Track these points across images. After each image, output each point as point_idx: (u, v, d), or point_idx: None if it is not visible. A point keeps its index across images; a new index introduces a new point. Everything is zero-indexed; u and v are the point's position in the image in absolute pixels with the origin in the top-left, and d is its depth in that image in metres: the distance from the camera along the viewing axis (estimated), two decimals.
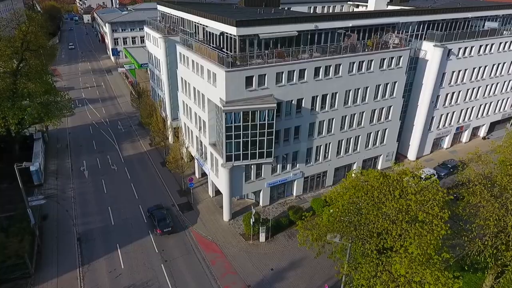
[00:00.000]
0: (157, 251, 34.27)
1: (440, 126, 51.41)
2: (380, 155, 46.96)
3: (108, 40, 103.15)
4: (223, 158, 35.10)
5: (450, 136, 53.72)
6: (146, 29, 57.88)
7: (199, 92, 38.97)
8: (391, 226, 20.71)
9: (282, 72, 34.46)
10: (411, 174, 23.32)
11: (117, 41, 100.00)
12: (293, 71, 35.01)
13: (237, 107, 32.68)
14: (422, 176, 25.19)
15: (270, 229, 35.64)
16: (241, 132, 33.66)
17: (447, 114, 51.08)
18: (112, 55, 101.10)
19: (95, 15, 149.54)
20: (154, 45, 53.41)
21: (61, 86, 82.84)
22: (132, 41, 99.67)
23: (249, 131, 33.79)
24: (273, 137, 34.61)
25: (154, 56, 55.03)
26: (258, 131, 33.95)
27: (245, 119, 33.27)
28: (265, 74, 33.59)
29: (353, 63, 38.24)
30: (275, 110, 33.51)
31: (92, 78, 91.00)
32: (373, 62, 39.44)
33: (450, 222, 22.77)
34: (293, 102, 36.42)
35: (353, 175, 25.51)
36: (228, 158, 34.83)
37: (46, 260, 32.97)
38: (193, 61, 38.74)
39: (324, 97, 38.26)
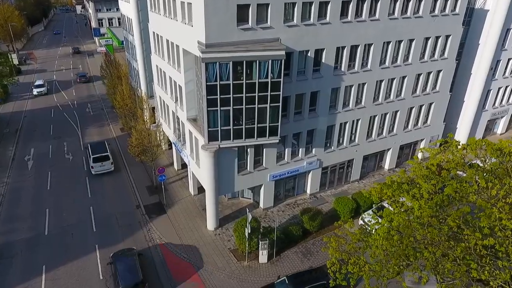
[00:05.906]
0: (101, 278, 22.39)
1: (497, 104, 39.35)
2: (422, 139, 35.01)
3: (92, 21, 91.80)
4: (204, 137, 23.34)
5: (506, 118, 41.53)
6: None
7: (172, 44, 27.25)
8: None
9: (294, 4, 22.64)
10: None
11: (102, 23, 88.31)
12: (310, 3, 23.21)
13: (224, 54, 20.87)
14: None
15: (276, 243, 23.76)
16: (231, 96, 21.86)
17: (506, 87, 39.05)
18: (94, 35, 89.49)
19: (84, 1, 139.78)
20: (125, 1, 41.74)
21: (32, 68, 72.75)
22: (119, 22, 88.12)
23: (243, 94, 21.99)
24: (280, 104, 22.84)
25: (126, 17, 43.37)
26: (256, 94, 22.18)
27: (237, 75, 21.51)
28: (267, 5, 21.78)
29: (396, 0, 26.46)
30: (283, 61, 21.72)
31: (70, 61, 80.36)
32: (422, 3, 27.62)
33: None
34: (309, 53, 24.59)
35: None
36: (211, 136, 23.05)
37: None
38: (164, 0, 27.10)
39: (353, 49, 26.40)
